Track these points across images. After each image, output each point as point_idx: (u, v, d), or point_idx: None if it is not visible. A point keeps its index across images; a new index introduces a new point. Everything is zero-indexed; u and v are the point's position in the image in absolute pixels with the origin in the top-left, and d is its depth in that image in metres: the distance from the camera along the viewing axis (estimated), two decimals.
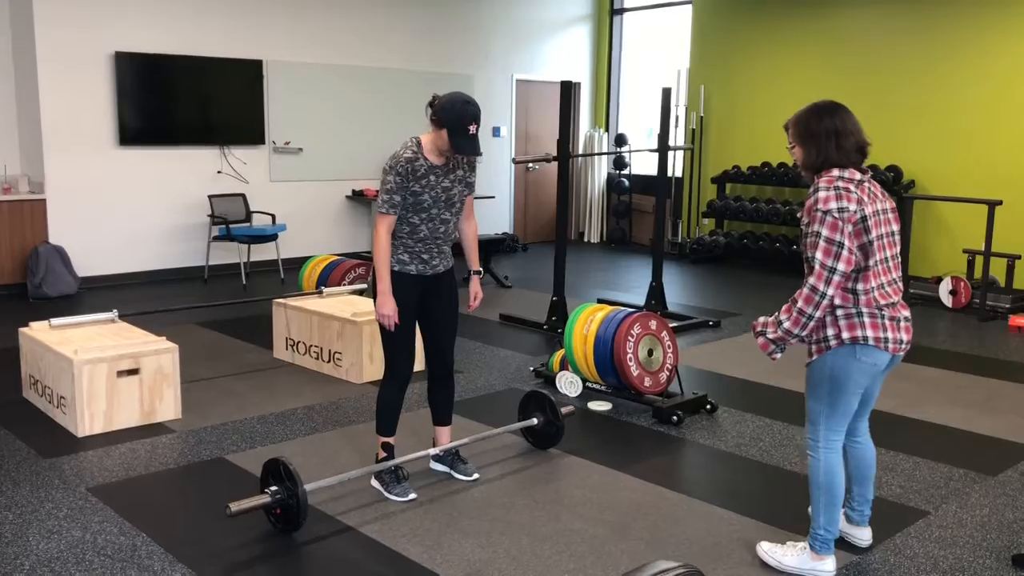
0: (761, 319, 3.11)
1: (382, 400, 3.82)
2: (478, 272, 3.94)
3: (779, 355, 3.09)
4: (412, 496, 3.73)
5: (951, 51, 8.70)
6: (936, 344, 6.65)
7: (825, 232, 2.92)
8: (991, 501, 3.83)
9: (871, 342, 2.99)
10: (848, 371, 3.02)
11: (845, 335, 3.00)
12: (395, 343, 3.72)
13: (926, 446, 4.49)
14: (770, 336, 3.06)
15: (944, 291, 7.90)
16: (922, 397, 5.32)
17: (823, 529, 3.15)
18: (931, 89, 8.86)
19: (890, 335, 3.01)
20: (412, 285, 3.71)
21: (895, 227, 3.08)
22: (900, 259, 3.11)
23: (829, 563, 3.16)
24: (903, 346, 3.05)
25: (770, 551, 3.26)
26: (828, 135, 3.00)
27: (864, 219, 2.94)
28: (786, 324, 3.00)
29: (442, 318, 3.85)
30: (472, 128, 3.51)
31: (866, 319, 2.99)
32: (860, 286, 2.99)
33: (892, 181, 8.90)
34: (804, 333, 3.00)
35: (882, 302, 3.00)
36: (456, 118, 3.49)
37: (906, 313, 3.08)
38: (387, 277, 3.62)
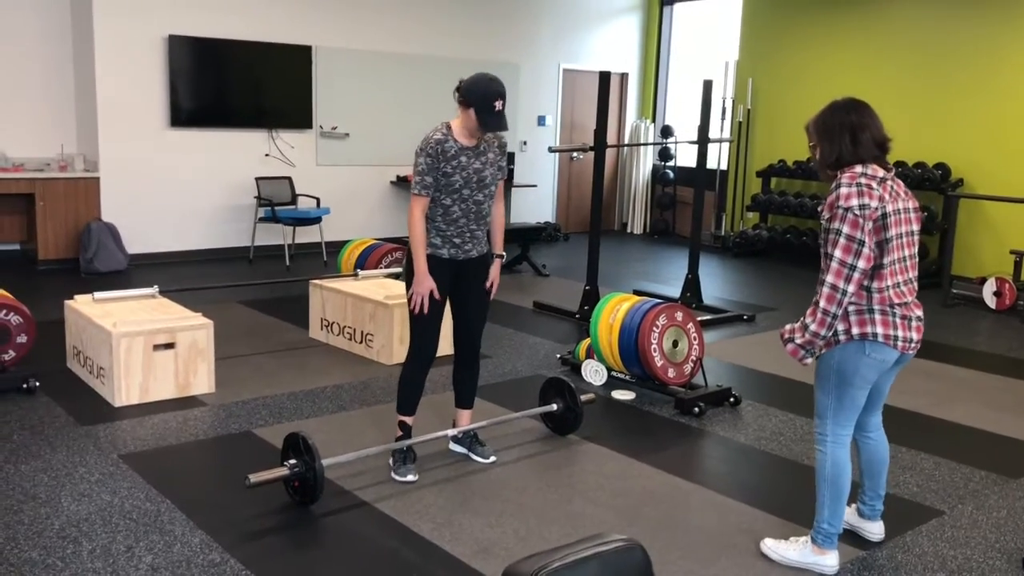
0: (788, 326, 3.11)
1: (404, 379, 3.91)
2: (500, 256, 3.98)
3: (810, 360, 3.07)
4: (411, 478, 3.79)
5: (1004, 48, 8.50)
6: (975, 345, 6.54)
7: (846, 229, 2.92)
8: (1009, 504, 3.80)
9: (880, 339, 2.99)
10: (856, 366, 3.02)
11: (855, 331, 3.00)
12: (423, 324, 3.79)
13: (949, 446, 4.45)
14: (798, 341, 3.05)
15: (988, 292, 7.76)
16: (953, 397, 5.26)
17: (826, 523, 3.16)
18: (983, 86, 8.67)
19: (900, 333, 3.00)
20: (443, 268, 3.77)
21: (915, 227, 3.07)
22: (917, 259, 3.10)
23: (831, 558, 3.17)
24: (912, 345, 3.05)
25: (773, 547, 3.28)
26: (843, 130, 2.99)
27: (884, 216, 2.94)
28: (812, 327, 2.99)
29: (473, 303, 3.91)
30: (498, 104, 3.57)
31: (877, 316, 2.99)
32: (875, 284, 2.99)
33: (940, 179, 8.74)
34: (830, 333, 3.00)
35: (896, 301, 3.00)
36: (482, 96, 3.56)
37: (918, 313, 3.07)
38: (423, 257, 3.68)
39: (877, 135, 3.01)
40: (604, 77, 6.49)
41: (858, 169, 2.98)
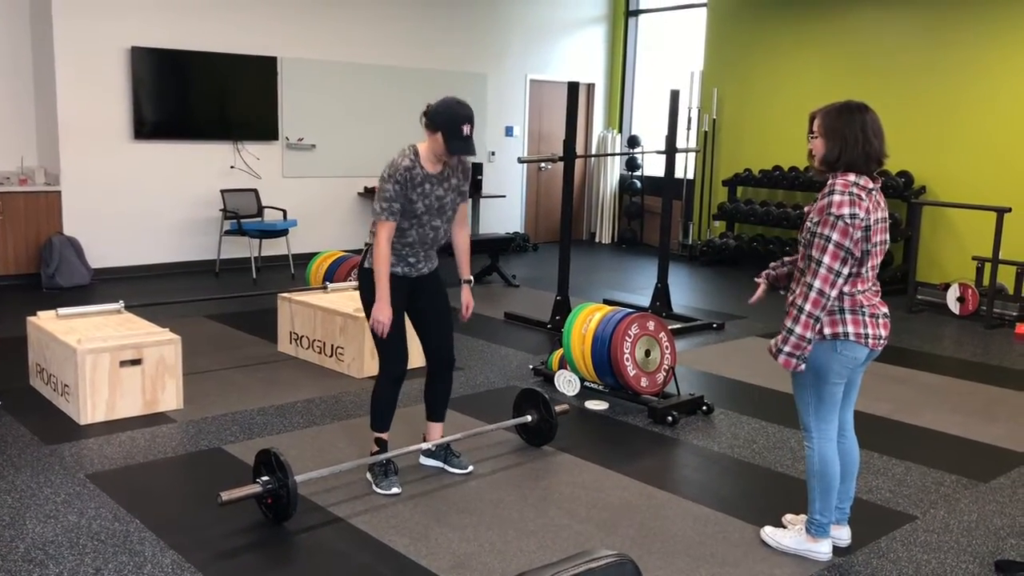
0: (772, 341, 3.17)
1: (376, 396, 3.87)
2: (468, 281, 3.98)
3: (803, 366, 3.11)
4: (395, 490, 3.77)
5: (967, 58, 8.66)
6: (940, 351, 6.63)
7: (835, 237, 3.00)
8: (980, 507, 3.84)
9: (852, 338, 3.11)
10: (829, 364, 3.14)
11: (827, 331, 3.12)
12: (387, 342, 3.75)
13: (920, 451, 4.50)
14: (787, 350, 3.10)
15: (952, 298, 7.87)
16: (921, 403, 5.32)
17: (818, 514, 3.29)
18: (945, 95, 8.83)
19: (870, 331, 3.13)
20: (399, 285, 3.75)
21: (887, 236, 3.18)
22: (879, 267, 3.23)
23: (825, 546, 3.30)
24: (881, 341, 3.18)
25: (772, 533, 3.42)
26: (856, 138, 3.04)
27: (868, 228, 3.05)
28: (798, 330, 3.06)
29: (433, 315, 3.89)
30: (466, 129, 3.55)
31: (848, 316, 3.11)
32: (848, 288, 3.11)
33: (903, 186, 8.87)
34: (813, 335, 3.07)
35: (865, 303, 3.13)
36: (450, 120, 3.53)
37: (884, 310, 3.21)
38: (387, 284, 3.62)
39: (880, 149, 3.08)
40: (572, 88, 6.51)
41: (851, 177, 3.06)
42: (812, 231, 3.08)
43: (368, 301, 3.72)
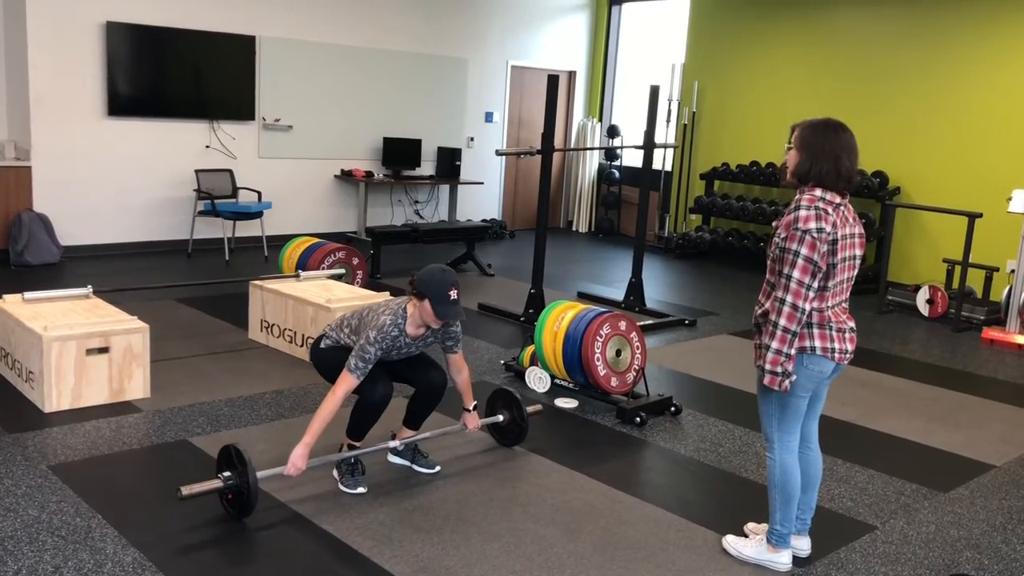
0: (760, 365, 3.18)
1: (357, 409, 3.81)
2: (474, 408, 4.08)
3: (788, 383, 3.11)
4: (361, 490, 3.77)
5: (944, 60, 8.71)
6: (907, 353, 6.70)
7: (804, 251, 3.02)
8: (938, 518, 3.90)
9: (819, 352, 3.14)
10: (795, 376, 3.15)
11: (795, 344, 3.12)
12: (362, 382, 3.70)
13: (882, 459, 4.55)
14: (768, 368, 3.10)
15: (921, 300, 7.95)
16: (885, 408, 5.38)
17: (779, 525, 3.34)
18: (922, 97, 8.88)
19: (837, 345, 3.15)
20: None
21: (859, 252, 3.20)
22: (853, 282, 3.22)
23: (785, 556, 3.35)
24: (848, 355, 3.21)
25: (733, 542, 3.46)
26: (829, 155, 3.07)
27: (834, 242, 3.06)
28: (775, 345, 3.07)
29: (418, 358, 3.92)
30: (453, 293, 3.60)
31: (815, 331, 3.13)
32: (816, 304, 3.13)
33: (878, 187, 8.93)
34: (792, 350, 3.08)
35: (832, 319, 3.15)
36: (437, 288, 3.57)
37: (851, 324, 3.24)
38: (319, 434, 3.57)
39: (852, 169, 3.11)
40: (552, 81, 6.48)
41: (818, 192, 3.09)
42: (781, 247, 3.10)
43: (320, 364, 3.90)
